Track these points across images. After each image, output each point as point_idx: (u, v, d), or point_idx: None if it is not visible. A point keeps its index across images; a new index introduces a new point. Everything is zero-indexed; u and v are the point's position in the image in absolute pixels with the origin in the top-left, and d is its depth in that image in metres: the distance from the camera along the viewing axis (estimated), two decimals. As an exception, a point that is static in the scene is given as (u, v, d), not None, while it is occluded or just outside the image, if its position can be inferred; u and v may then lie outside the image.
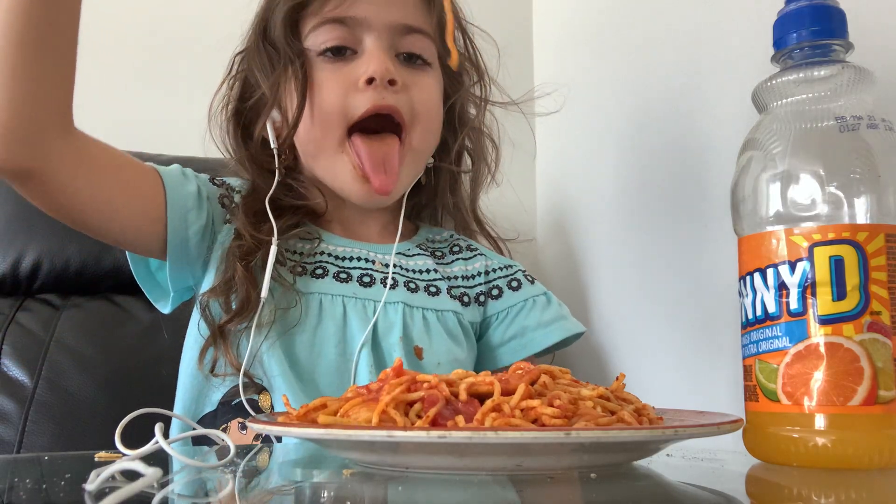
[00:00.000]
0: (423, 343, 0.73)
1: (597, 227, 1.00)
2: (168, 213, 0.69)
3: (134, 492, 0.34)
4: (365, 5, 0.73)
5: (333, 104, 0.72)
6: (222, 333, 0.68)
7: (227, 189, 0.76)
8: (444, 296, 0.77)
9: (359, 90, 0.72)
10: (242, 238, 0.71)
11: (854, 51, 0.50)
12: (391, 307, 0.73)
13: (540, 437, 0.38)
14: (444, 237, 0.85)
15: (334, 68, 0.73)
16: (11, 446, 0.83)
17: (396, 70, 0.72)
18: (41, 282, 0.93)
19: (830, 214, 0.47)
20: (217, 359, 0.69)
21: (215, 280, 0.70)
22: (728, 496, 0.44)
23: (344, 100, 0.72)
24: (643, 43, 0.92)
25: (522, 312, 0.79)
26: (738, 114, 0.70)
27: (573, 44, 1.11)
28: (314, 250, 0.75)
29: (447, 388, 0.44)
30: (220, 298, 0.69)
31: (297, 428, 0.42)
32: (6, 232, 0.92)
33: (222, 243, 0.72)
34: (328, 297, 0.72)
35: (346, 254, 0.76)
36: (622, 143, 0.95)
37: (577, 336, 0.80)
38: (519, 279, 0.81)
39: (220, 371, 0.69)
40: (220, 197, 0.75)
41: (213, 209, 0.73)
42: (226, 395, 0.71)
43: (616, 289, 0.95)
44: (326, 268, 0.74)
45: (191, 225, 0.71)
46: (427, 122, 0.76)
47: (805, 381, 0.46)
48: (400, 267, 0.77)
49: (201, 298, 0.71)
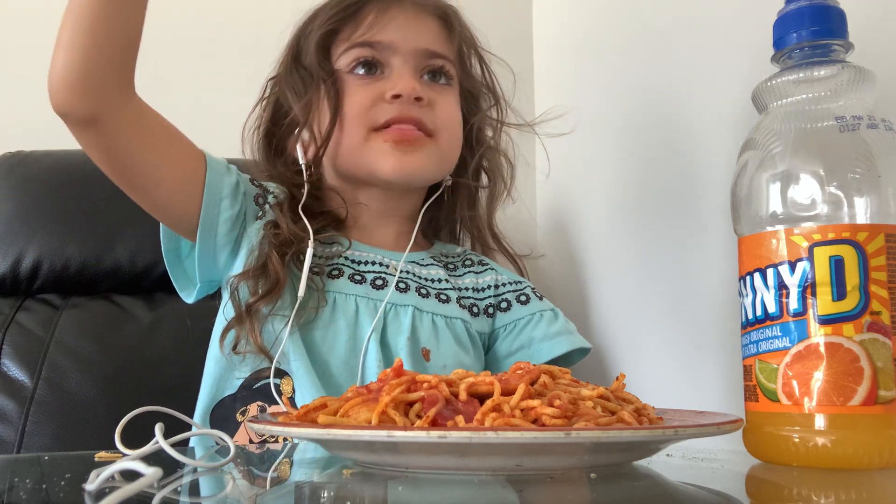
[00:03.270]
0: (431, 345, 0.76)
1: (596, 227, 1.00)
2: (205, 193, 0.73)
3: (134, 492, 0.34)
4: (392, 31, 0.79)
5: (360, 111, 0.77)
6: (249, 314, 0.72)
7: (264, 191, 0.79)
8: (454, 304, 0.80)
9: (386, 102, 0.77)
10: (279, 228, 0.74)
11: (854, 51, 0.51)
12: (402, 309, 0.76)
13: (540, 437, 0.38)
14: (457, 252, 0.88)
15: (364, 83, 0.78)
16: (11, 446, 0.83)
17: (422, 89, 0.77)
18: (41, 282, 0.93)
19: (830, 214, 0.47)
20: (240, 338, 0.72)
21: (246, 265, 0.74)
22: (728, 496, 0.44)
23: (371, 109, 0.77)
24: (642, 44, 0.92)
25: (530, 325, 0.82)
26: (738, 114, 0.70)
27: (573, 44, 1.11)
28: (338, 254, 0.78)
29: (447, 388, 0.45)
30: (250, 282, 0.72)
31: (297, 428, 0.42)
32: (6, 232, 0.92)
33: (250, 239, 0.75)
34: (342, 295, 0.75)
35: (362, 258, 0.79)
36: (622, 143, 0.95)
37: (584, 352, 0.82)
38: (528, 294, 0.84)
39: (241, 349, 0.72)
40: (256, 196, 0.78)
41: (247, 205, 0.77)
42: (247, 379, 0.73)
43: (616, 289, 0.95)
44: (342, 269, 0.77)
45: (223, 212, 0.74)
46: (450, 134, 0.81)
47: (805, 381, 0.46)
48: (413, 274, 0.80)
49: (232, 281, 0.74)
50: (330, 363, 0.73)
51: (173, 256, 0.78)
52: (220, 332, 0.73)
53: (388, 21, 0.79)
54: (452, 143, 0.81)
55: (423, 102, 0.77)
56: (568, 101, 1.11)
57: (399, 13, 0.79)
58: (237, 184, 0.76)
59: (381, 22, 0.78)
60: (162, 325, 0.91)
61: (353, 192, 0.81)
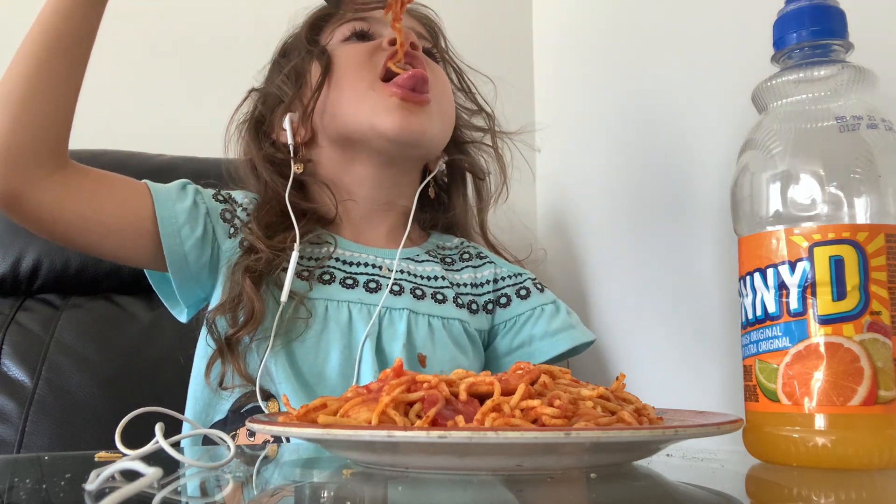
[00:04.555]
0: (427, 351, 0.73)
1: (596, 227, 1.00)
2: (160, 228, 0.70)
3: (134, 492, 0.34)
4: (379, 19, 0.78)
5: (359, 62, 0.75)
6: (230, 346, 0.69)
7: (231, 203, 0.76)
8: (451, 304, 0.77)
9: (382, 49, 0.75)
10: (257, 252, 0.71)
11: (854, 51, 0.50)
12: (396, 314, 0.74)
13: (540, 437, 0.38)
14: (454, 244, 0.85)
15: (357, 45, 0.78)
16: (11, 446, 0.83)
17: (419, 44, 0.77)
18: (41, 282, 0.93)
19: (830, 214, 0.47)
20: (225, 372, 0.70)
21: (222, 297, 0.71)
22: (728, 496, 0.44)
23: (371, 58, 0.75)
24: (643, 43, 0.92)
25: (530, 322, 0.79)
26: (738, 114, 0.70)
27: (573, 44, 1.11)
28: (330, 254, 0.75)
29: (447, 388, 0.45)
30: (227, 315, 0.70)
31: (297, 428, 0.42)
32: (6, 232, 0.92)
33: (228, 259, 0.73)
34: (334, 303, 0.73)
35: (354, 259, 0.76)
36: (622, 142, 0.95)
37: (587, 345, 0.80)
38: (528, 287, 0.81)
39: (228, 384, 0.71)
40: (223, 212, 0.75)
41: (214, 223, 0.74)
42: (235, 404, 0.71)
43: (616, 289, 0.95)
44: (333, 273, 0.74)
45: (185, 240, 0.71)
46: (448, 102, 0.79)
47: (805, 381, 0.46)
48: (407, 272, 0.77)
49: (207, 315, 0.72)
50: (325, 373, 0.71)
51: (157, 279, 0.76)
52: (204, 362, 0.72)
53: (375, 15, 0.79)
54: (450, 113, 0.80)
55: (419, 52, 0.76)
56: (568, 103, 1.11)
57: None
58: (193, 205, 0.73)
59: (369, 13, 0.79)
60: (162, 325, 0.91)
61: (346, 165, 0.78)
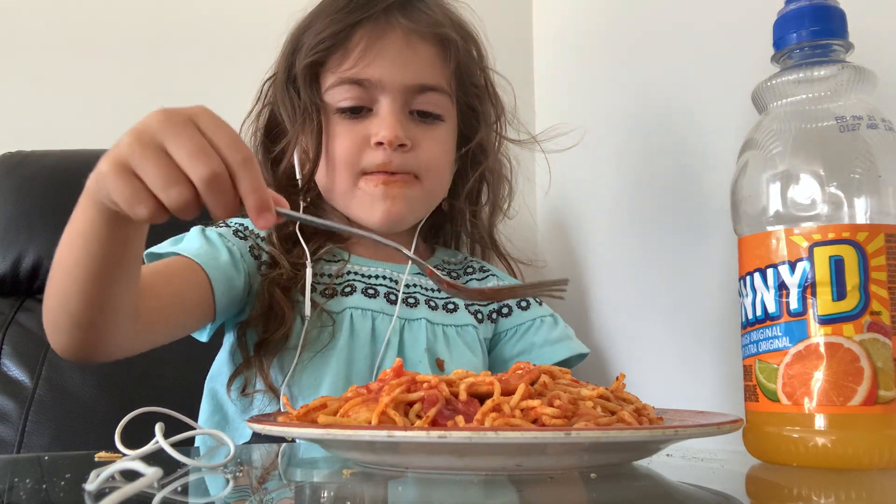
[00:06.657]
0: (445, 356, 0.78)
1: (596, 227, 1.00)
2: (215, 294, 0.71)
3: (134, 492, 0.34)
4: (380, 66, 0.76)
5: (346, 157, 0.77)
6: (259, 354, 0.72)
7: (252, 235, 0.78)
8: (463, 311, 0.81)
9: (371, 148, 0.77)
10: (279, 266, 0.75)
11: (854, 51, 0.50)
12: (415, 323, 0.78)
13: (540, 437, 0.38)
14: (458, 259, 0.89)
15: (350, 125, 0.78)
16: (11, 446, 0.83)
17: (407, 131, 0.77)
18: (41, 282, 0.92)
19: (830, 214, 0.47)
20: (248, 381, 0.73)
21: (252, 312, 0.74)
22: (728, 496, 0.44)
23: (357, 155, 0.77)
24: (643, 43, 0.92)
25: (531, 330, 0.83)
26: (738, 114, 0.70)
27: (573, 44, 1.11)
28: (342, 271, 0.79)
29: (447, 388, 0.45)
30: (259, 327, 0.73)
31: (297, 428, 0.43)
32: (6, 232, 0.92)
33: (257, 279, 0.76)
34: (358, 311, 0.76)
35: (372, 272, 0.80)
36: (622, 142, 0.95)
37: (581, 357, 0.83)
38: (528, 300, 0.85)
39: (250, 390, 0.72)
40: (251, 249, 0.77)
41: (248, 263, 0.76)
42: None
43: (615, 288, 0.95)
44: (354, 285, 0.78)
45: (233, 289, 0.73)
46: (436, 174, 0.81)
47: (805, 381, 0.46)
48: (420, 286, 0.81)
49: (238, 328, 0.74)
50: (351, 381, 0.73)
51: None
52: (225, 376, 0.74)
53: (377, 53, 0.76)
54: (439, 182, 0.82)
55: (407, 147, 0.77)
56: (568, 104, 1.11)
57: (390, 44, 0.77)
58: (230, 252, 0.74)
59: (371, 54, 0.76)
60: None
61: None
